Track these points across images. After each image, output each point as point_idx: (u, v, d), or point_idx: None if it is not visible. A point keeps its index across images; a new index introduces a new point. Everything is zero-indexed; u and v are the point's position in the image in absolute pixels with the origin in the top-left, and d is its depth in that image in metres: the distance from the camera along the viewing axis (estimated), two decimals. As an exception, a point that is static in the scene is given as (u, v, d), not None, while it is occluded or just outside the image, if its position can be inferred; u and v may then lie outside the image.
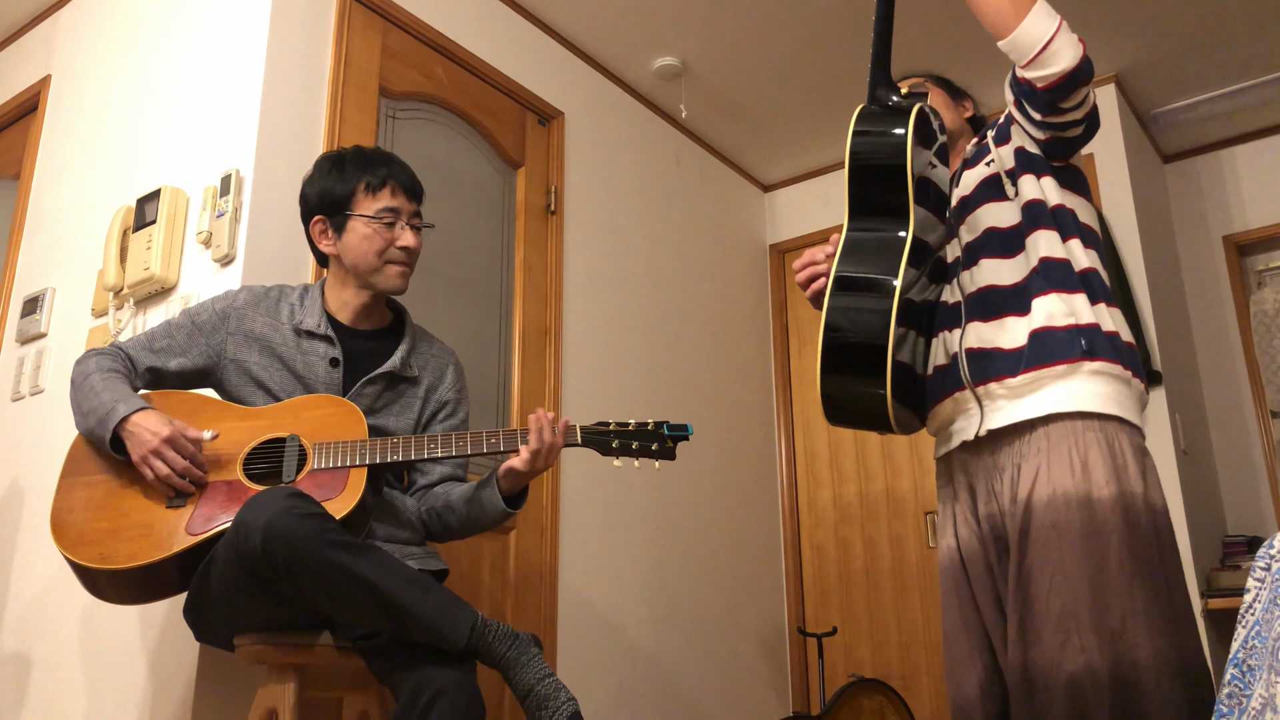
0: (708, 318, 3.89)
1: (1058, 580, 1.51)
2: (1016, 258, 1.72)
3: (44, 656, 2.36)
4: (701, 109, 3.86)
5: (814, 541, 4.01)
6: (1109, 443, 1.58)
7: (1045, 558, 1.53)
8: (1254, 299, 3.97)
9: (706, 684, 3.44)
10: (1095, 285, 1.70)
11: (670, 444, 1.93)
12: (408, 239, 1.98)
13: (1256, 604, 1.29)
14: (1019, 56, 1.62)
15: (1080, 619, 1.48)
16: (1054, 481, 1.56)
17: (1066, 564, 1.51)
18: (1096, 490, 1.54)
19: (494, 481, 1.91)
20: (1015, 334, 1.66)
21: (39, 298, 2.76)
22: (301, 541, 1.56)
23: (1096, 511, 1.53)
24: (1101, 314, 1.67)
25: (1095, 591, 1.49)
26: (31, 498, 2.55)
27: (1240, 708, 1.25)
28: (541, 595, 2.87)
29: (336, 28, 2.63)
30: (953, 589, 1.73)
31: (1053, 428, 1.61)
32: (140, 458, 1.74)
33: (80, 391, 1.83)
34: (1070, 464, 1.57)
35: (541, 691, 1.58)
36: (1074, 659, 1.47)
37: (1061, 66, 1.59)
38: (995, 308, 1.70)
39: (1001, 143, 1.83)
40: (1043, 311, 1.65)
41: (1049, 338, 1.63)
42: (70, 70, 3.03)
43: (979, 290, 1.73)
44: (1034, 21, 1.59)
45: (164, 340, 1.93)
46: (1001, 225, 1.75)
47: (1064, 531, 1.53)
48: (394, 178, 1.99)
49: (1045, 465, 1.58)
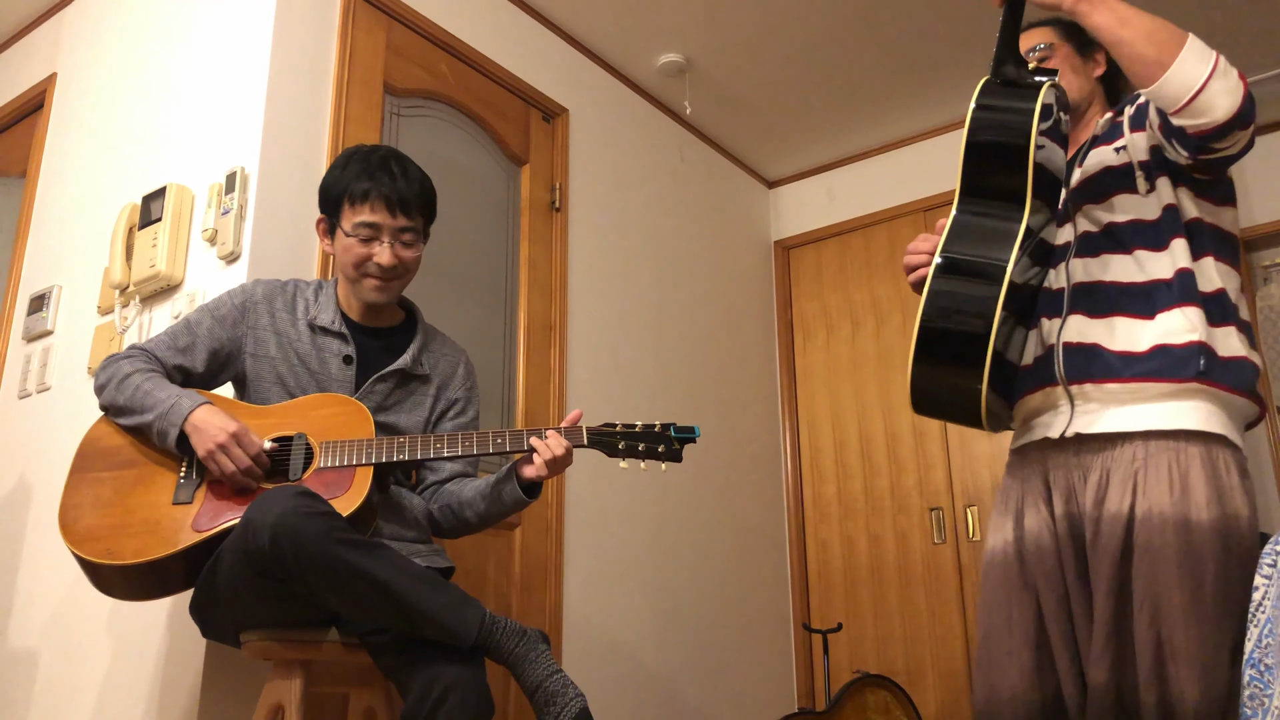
0: (712, 314, 3.89)
1: (1147, 605, 1.44)
2: (1140, 257, 1.59)
3: (52, 652, 2.37)
4: (706, 105, 3.85)
5: (819, 537, 4.01)
6: (1211, 461, 1.50)
7: (1140, 580, 1.46)
8: (1260, 294, 3.96)
9: (711, 680, 3.44)
10: (1225, 305, 1.58)
11: (677, 446, 1.92)
12: (384, 256, 1.91)
13: (1266, 601, 1.28)
14: (1166, 105, 1.47)
15: (1174, 648, 1.42)
16: (1150, 499, 1.48)
17: (1160, 589, 1.44)
18: (1195, 513, 1.46)
19: (513, 477, 1.92)
20: (1127, 338, 1.56)
21: (45, 295, 2.76)
22: (309, 540, 1.57)
23: (1195, 535, 1.45)
24: (1225, 336, 1.56)
25: (1189, 621, 1.42)
26: (38, 494, 2.55)
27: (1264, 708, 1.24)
28: (547, 592, 2.87)
29: (341, 25, 2.63)
30: (1002, 583, 1.64)
31: (1152, 441, 1.52)
32: (208, 452, 1.74)
33: (124, 392, 1.82)
34: (1170, 482, 1.48)
35: (550, 687, 1.59)
36: (1165, 688, 1.41)
37: (1214, 118, 1.44)
38: (1107, 304, 1.59)
39: (1137, 128, 1.67)
40: (1164, 324, 1.54)
41: (1164, 353, 1.53)
42: (76, 68, 3.03)
43: (1091, 283, 1.61)
44: (1182, 68, 1.43)
45: (186, 338, 1.93)
46: (1127, 220, 1.62)
47: (1159, 554, 1.45)
48: (378, 192, 1.91)
49: (1142, 479, 1.50)
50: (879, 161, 4.20)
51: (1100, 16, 1.47)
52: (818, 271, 4.27)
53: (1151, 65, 1.44)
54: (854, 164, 4.28)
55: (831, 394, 4.10)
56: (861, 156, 4.25)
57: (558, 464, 1.86)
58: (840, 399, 4.07)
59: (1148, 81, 1.46)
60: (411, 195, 1.94)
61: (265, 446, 1.79)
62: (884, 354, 4.00)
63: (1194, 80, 1.43)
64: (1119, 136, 1.69)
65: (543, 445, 1.85)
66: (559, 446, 1.85)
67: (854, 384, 4.05)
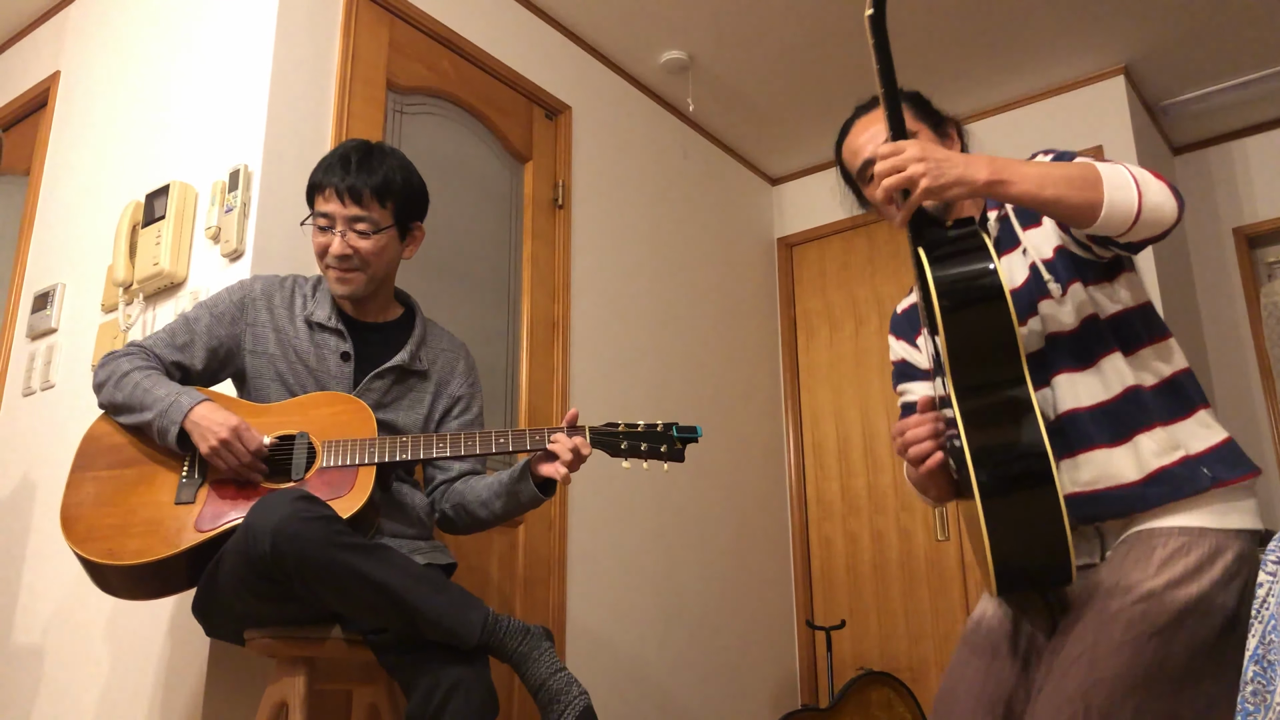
0: (715, 311, 3.89)
1: (1084, 659, 1.38)
2: (1086, 374, 1.52)
3: (56, 649, 2.37)
4: (709, 102, 3.85)
5: (822, 534, 4.01)
6: (1208, 551, 1.42)
7: (1083, 634, 1.40)
8: (1265, 291, 3.95)
9: (715, 677, 3.44)
10: (1183, 391, 1.52)
11: (679, 446, 1.91)
12: (335, 246, 1.91)
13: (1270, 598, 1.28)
14: (1111, 233, 1.42)
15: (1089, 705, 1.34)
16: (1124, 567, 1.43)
17: (1099, 647, 1.37)
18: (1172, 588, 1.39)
19: (528, 476, 1.91)
20: (1117, 469, 1.48)
21: (49, 293, 2.77)
22: (311, 545, 1.57)
23: (1157, 606, 1.38)
24: (1195, 432, 1.50)
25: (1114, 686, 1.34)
26: (42, 492, 2.56)
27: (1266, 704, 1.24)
28: (550, 589, 2.87)
29: (344, 22, 2.63)
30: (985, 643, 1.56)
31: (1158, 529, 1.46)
32: (210, 449, 1.74)
33: (123, 389, 1.82)
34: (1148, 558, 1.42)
35: (554, 686, 1.59)
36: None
37: (1165, 224, 1.41)
38: (1082, 439, 1.51)
39: (1030, 224, 1.60)
40: (1147, 450, 1.47)
41: (1166, 478, 1.46)
42: (79, 66, 3.03)
43: (1062, 416, 1.52)
44: (1114, 199, 1.38)
45: (185, 335, 1.93)
46: (1063, 330, 1.54)
47: (1112, 618, 1.39)
48: (329, 182, 1.92)
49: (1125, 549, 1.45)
50: (882, 158, 4.18)
51: (1020, 187, 1.39)
52: (821, 269, 4.27)
53: (1086, 211, 1.39)
54: (857, 161, 4.27)
55: (834, 391, 4.09)
56: (865, 153, 4.24)
57: (579, 462, 1.87)
58: (843, 396, 4.07)
59: (1087, 225, 1.41)
60: (366, 185, 1.92)
61: (265, 443, 1.79)
62: (887, 351, 3.99)
63: (1130, 203, 1.39)
64: (1015, 241, 1.61)
65: (565, 445, 1.85)
66: (585, 446, 1.86)
67: (857, 381, 4.05)
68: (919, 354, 1.77)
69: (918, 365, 1.77)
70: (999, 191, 1.40)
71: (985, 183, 1.40)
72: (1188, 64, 3.66)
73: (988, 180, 1.39)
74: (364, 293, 1.98)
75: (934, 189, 1.39)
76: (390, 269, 2.01)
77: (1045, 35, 3.49)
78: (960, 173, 1.39)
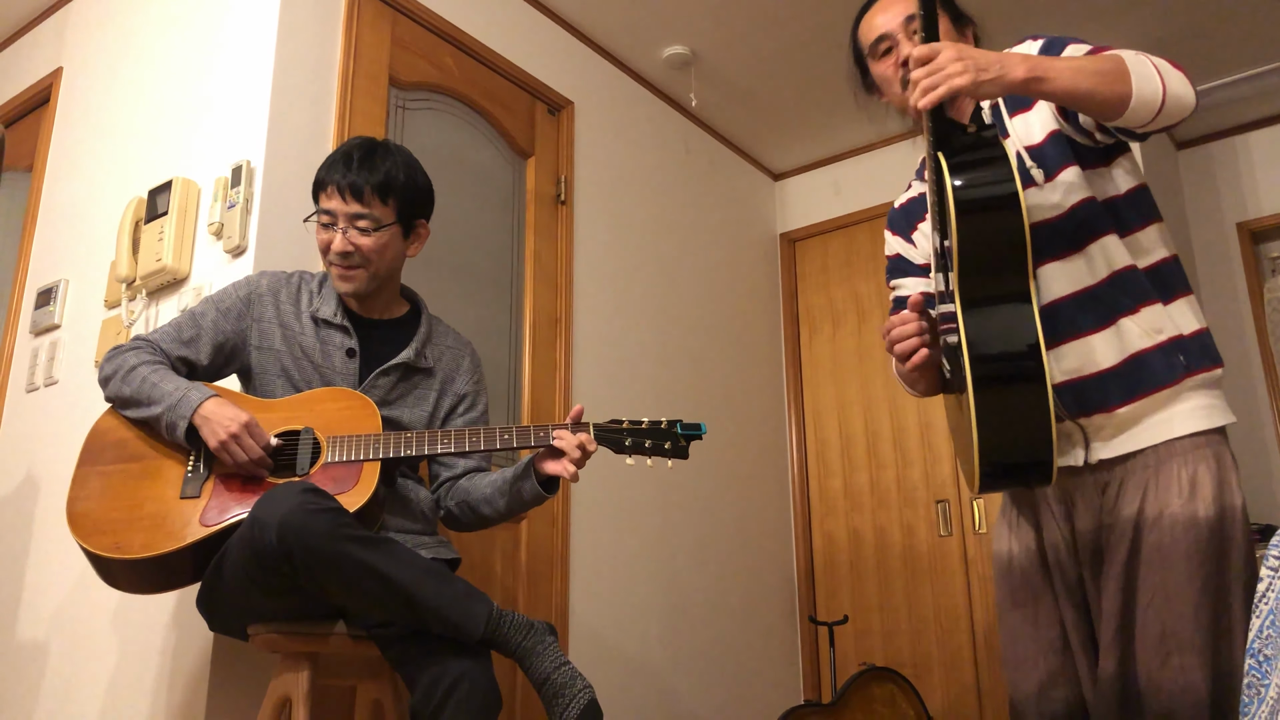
0: (718, 307, 3.89)
1: (1158, 600, 1.47)
2: (1072, 260, 1.55)
3: (60, 644, 2.38)
4: (711, 98, 3.85)
5: (825, 530, 4.01)
6: (1216, 458, 1.51)
7: (1149, 578, 1.48)
8: (1268, 286, 3.94)
9: (718, 672, 3.45)
10: (1169, 277, 1.56)
11: (683, 443, 1.91)
12: (336, 243, 1.92)
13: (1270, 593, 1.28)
14: (1135, 125, 1.44)
15: (1181, 639, 1.44)
16: (1161, 501, 1.50)
17: (1169, 585, 1.46)
18: (1203, 510, 1.48)
19: (531, 473, 1.91)
20: (1098, 355, 1.53)
21: (52, 289, 2.77)
22: (317, 537, 1.57)
23: (1202, 532, 1.47)
24: (1183, 313, 1.55)
25: (1197, 613, 1.44)
26: (46, 487, 2.56)
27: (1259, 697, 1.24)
28: (553, 584, 2.88)
29: (346, 18, 2.63)
30: (1025, 587, 1.65)
31: (1162, 447, 1.52)
32: (220, 443, 1.74)
33: (130, 384, 1.82)
34: (1178, 484, 1.50)
35: (557, 680, 1.59)
36: (1174, 678, 1.43)
37: (1186, 110, 1.44)
38: (1068, 327, 1.55)
39: (1018, 109, 1.62)
40: (1130, 332, 1.52)
41: (1144, 363, 1.52)
42: (82, 63, 3.03)
43: (1045, 307, 1.54)
44: (1141, 91, 1.41)
45: (191, 330, 1.93)
46: (1049, 218, 1.56)
47: (1169, 553, 1.47)
48: (332, 179, 1.93)
49: (1154, 483, 1.51)
50: (885, 154, 4.18)
51: (1057, 84, 1.40)
52: (823, 264, 4.26)
53: (1116, 104, 1.41)
54: (860, 156, 4.26)
55: (837, 387, 4.09)
56: (868, 149, 4.23)
57: (585, 459, 1.87)
58: (846, 392, 4.07)
59: (1115, 118, 1.43)
60: (368, 182, 1.92)
61: (272, 443, 1.80)
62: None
63: (1155, 94, 1.42)
64: (1004, 131, 1.62)
65: (571, 442, 1.84)
66: (590, 442, 1.86)
67: (860, 377, 4.05)
68: (914, 249, 1.81)
69: (912, 260, 1.81)
70: (1035, 89, 1.41)
71: (1022, 80, 1.40)
72: (1192, 58, 3.65)
73: (1024, 79, 1.40)
74: (366, 290, 1.97)
75: (972, 89, 1.38)
76: (394, 266, 2.01)
77: (1049, 29, 3.48)
78: (998, 73, 1.39)
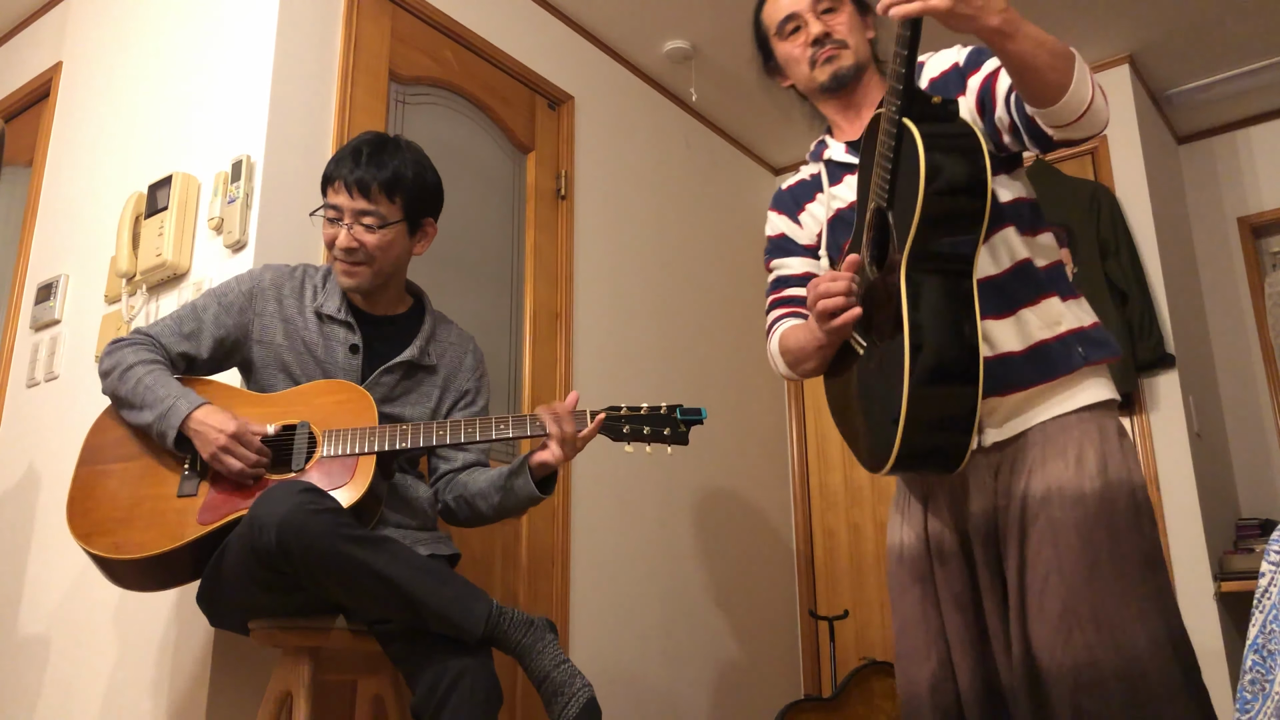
0: (718, 301, 3.88)
1: (1054, 578, 1.46)
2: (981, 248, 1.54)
3: (62, 640, 2.38)
4: (712, 92, 3.84)
5: (825, 525, 4.01)
6: (1100, 430, 1.53)
7: (1043, 554, 1.48)
8: (1269, 281, 3.94)
9: (718, 668, 3.45)
10: (1061, 280, 1.60)
11: (683, 429, 1.90)
12: (341, 239, 1.91)
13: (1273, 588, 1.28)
14: (1053, 122, 1.43)
15: (1079, 614, 1.43)
16: (1048, 477, 1.51)
17: (1064, 561, 1.46)
18: (1089, 483, 1.48)
19: (526, 470, 1.90)
20: (998, 341, 1.55)
21: (52, 284, 2.77)
22: (316, 538, 1.57)
23: (1090, 505, 1.47)
24: (1080, 308, 1.60)
25: (1091, 586, 1.44)
26: (46, 483, 2.56)
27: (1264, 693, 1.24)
28: (554, 579, 2.88)
29: (346, 12, 2.62)
30: (915, 580, 1.67)
31: (1049, 424, 1.55)
32: (211, 455, 1.74)
33: (126, 383, 1.81)
34: (1065, 458, 1.51)
35: (557, 678, 1.59)
36: (1077, 654, 1.42)
37: (1096, 129, 1.44)
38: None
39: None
40: (1030, 323, 1.56)
41: (1045, 353, 1.55)
42: (82, 57, 3.03)
43: None
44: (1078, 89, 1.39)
45: (192, 324, 1.92)
46: None
47: (1060, 528, 1.47)
48: (339, 175, 1.92)
49: (1040, 459, 1.53)
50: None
51: (1017, 45, 1.36)
52: (824, 259, 4.26)
53: (1053, 90, 1.38)
54: (860, 151, 4.25)
55: (838, 381, 4.09)
56: (868, 143, 4.22)
57: (568, 441, 1.85)
58: (847, 386, 4.06)
59: (1047, 104, 1.39)
60: (375, 179, 1.91)
61: (269, 431, 1.79)
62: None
63: (1085, 97, 1.40)
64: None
65: (552, 420, 1.83)
66: (568, 421, 1.84)
67: (860, 371, 4.04)
68: (800, 230, 1.85)
69: (797, 240, 1.86)
70: (998, 42, 1.37)
71: (994, 28, 1.35)
72: (1193, 53, 3.64)
73: (997, 26, 1.35)
74: (370, 286, 1.97)
75: (946, 14, 1.33)
76: (399, 264, 2.00)
77: (1050, 24, 3.44)
78: (977, 9, 1.34)
